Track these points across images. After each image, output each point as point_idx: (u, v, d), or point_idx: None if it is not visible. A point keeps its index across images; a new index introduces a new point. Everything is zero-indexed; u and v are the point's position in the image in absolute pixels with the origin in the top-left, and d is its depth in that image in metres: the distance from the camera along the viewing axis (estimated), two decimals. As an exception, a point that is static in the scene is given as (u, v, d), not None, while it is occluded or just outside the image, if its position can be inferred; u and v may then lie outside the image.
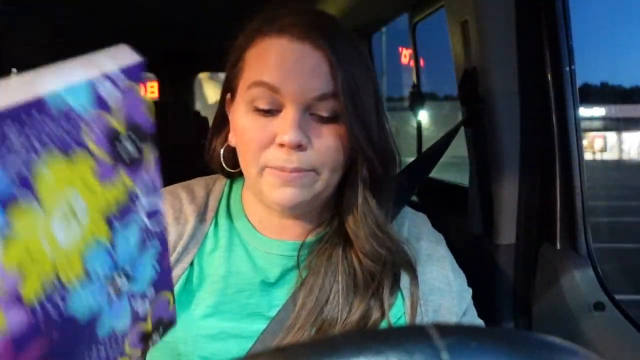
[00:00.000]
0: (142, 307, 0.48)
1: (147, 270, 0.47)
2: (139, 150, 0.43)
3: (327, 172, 0.68)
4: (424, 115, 1.93)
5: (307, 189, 0.67)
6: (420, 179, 1.08)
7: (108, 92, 0.40)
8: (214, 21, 2.45)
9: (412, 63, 2.00)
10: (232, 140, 0.73)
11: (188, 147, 2.41)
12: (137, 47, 0.47)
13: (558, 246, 1.05)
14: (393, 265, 0.71)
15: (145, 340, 0.50)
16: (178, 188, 0.79)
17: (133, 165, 0.43)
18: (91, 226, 0.41)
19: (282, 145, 0.65)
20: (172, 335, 0.70)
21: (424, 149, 2.04)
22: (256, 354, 0.30)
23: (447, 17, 1.23)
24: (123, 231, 0.44)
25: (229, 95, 0.74)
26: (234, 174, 0.77)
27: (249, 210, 0.76)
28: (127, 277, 0.46)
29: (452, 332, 0.29)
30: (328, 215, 0.75)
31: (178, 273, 0.72)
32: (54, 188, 0.38)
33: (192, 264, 0.73)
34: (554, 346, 0.29)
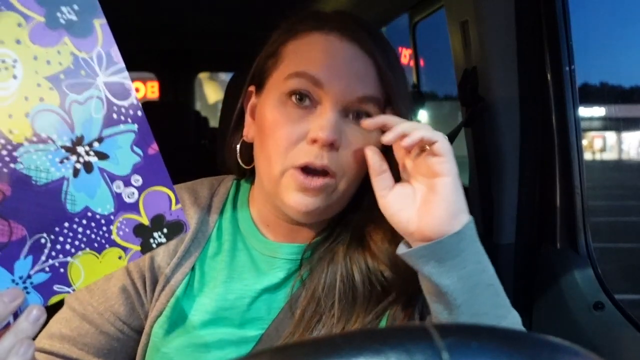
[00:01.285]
0: (129, 194, 0.49)
1: (125, 153, 0.49)
2: (81, 18, 0.46)
3: (346, 181, 0.65)
4: (424, 115, 1.93)
5: (325, 198, 0.64)
6: None
7: None
8: (214, 21, 2.45)
9: (412, 63, 2.00)
10: (249, 135, 0.71)
11: (188, 147, 2.41)
12: (138, 47, 0.48)
13: (558, 246, 1.05)
14: (411, 284, 0.64)
15: (143, 234, 0.50)
16: (181, 189, 0.76)
17: (78, 34, 0.46)
18: (30, 83, 0.45)
19: (314, 141, 0.62)
20: (168, 345, 0.69)
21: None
22: (256, 353, 0.30)
23: (447, 17, 1.23)
24: (76, 97, 0.46)
25: (253, 88, 0.72)
26: (247, 172, 0.75)
27: (256, 213, 0.73)
28: (98, 154, 0.48)
29: (453, 332, 0.29)
30: (336, 216, 0.72)
31: (179, 278, 0.70)
32: None
33: (193, 268, 0.71)
34: (554, 346, 0.29)
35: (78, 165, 0.47)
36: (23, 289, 0.47)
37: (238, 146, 0.73)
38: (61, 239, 0.48)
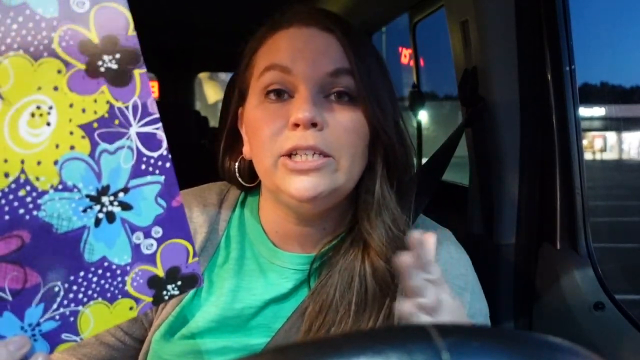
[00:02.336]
0: (147, 246, 0.49)
1: (149, 205, 0.48)
2: (121, 68, 0.45)
3: (347, 159, 0.64)
4: (423, 115, 1.94)
5: (327, 178, 0.63)
6: (433, 183, 1.06)
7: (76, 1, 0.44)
8: (214, 21, 2.45)
9: (412, 63, 2.00)
10: (247, 153, 0.70)
11: (188, 147, 2.41)
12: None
13: (558, 246, 1.05)
14: None
15: (157, 286, 0.49)
16: (188, 195, 0.75)
17: (116, 83, 0.45)
18: (62, 131, 0.44)
19: (296, 125, 0.62)
20: (170, 352, 0.69)
21: (423, 148, 2.04)
22: (257, 353, 0.30)
23: (447, 17, 1.23)
24: (106, 146, 0.46)
25: (241, 109, 0.72)
26: (252, 188, 0.74)
27: (265, 219, 0.72)
28: (122, 204, 0.47)
29: (453, 332, 0.29)
30: (346, 221, 0.71)
31: None
32: (17, 84, 0.42)
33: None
34: (554, 346, 0.29)
35: (100, 215, 0.47)
36: (31, 337, 0.46)
37: (237, 164, 0.73)
38: (75, 287, 0.47)
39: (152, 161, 0.48)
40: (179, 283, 0.51)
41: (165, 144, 0.48)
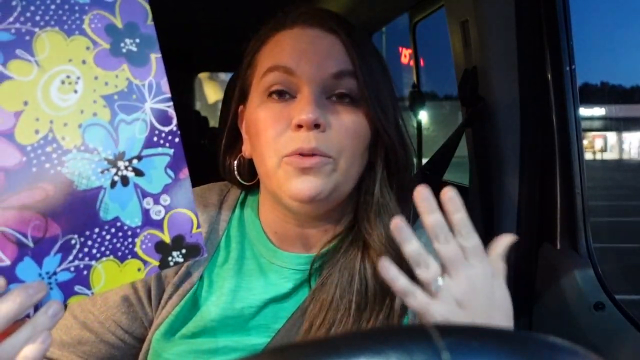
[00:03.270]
0: (156, 212, 0.53)
1: (159, 173, 0.53)
2: (140, 50, 0.52)
3: (346, 160, 0.64)
4: (423, 115, 1.93)
5: (326, 178, 0.63)
6: (434, 183, 1.06)
7: None
8: (214, 21, 2.45)
9: (412, 63, 2.00)
10: (247, 151, 0.71)
11: (188, 147, 2.41)
12: None
13: (558, 246, 1.05)
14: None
15: (163, 251, 0.54)
16: None
17: (135, 63, 0.52)
18: (87, 99, 0.50)
19: (299, 126, 0.62)
20: (170, 351, 0.69)
21: (423, 149, 2.04)
22: (257, 354, 0.30)
23: (447, 17, 1.23)
24: (124, 117, 0.51)
25: (241, 107, 0.72)
26: (251, 186, 0.74)
27: (265, 220, 0.72)
28: (135, 170, 0.52)
29: (453, 332, 0.29)
30: (346, 221, 0.71)
31: (187, 287, 0.69)
32: (51, 55, 0.49)
33: (201, 277, 0.70)
34: (554, 346, 0.29)
35: (116, 178, 0.51)
36: (47, 284, 0.49)
37: (235, 162, 0.73)
38: (90, 242, 0.51)
39: (163, 135, 0.53)
40: (184, 251, 0.54)
41: (175, 121, 0.53)
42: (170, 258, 0.54)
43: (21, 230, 0.48)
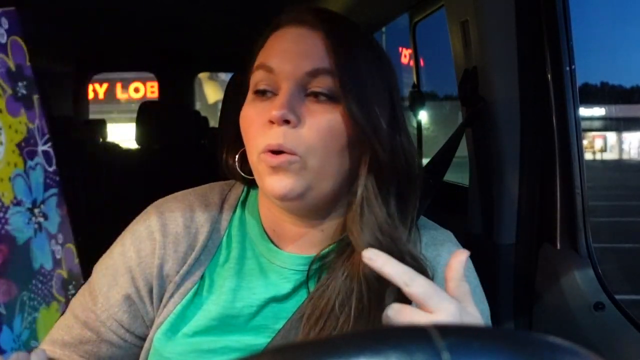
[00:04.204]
0: (57, 251, 0.55)
1: (54, 214, 0.55)
2: (28, 93, 0.52)
3: (316, 158, 0.63)
4: (423, 115, 1.93)
5: (295, 176, 0.63)
6: (435, 184, 1.06)
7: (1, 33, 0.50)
8: (214, 22, 2.46)
9: (412, 63, 2.00)
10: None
11: (188, 147, 2.42)
12: (138, 47, 0.49)
13: (558, 246, 1.05)
14: None
15: (64, 288, 0.55)
16: (190, 195, 0.75)
17: (27, 107, 0.52)
18: (9, 150, 0.50)
19: (271, 122, 0.63)
20: (171, 350, 0.68)
21: (423, 149, 2.04)
22: (256, 354, 0.30)
23: (447, 17, 1.23)
24: (31, 163, 0.52)
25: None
26: (253, 183, 0.73)
27: (264, 218, 0.73)
28: (44, 215, 0.53)
29: (453, 332, 0.29)
30: (342, 223, 0.70)
31: (189, 286, 0.69)
32: None
33: (202, 276, 0.70)
34: (554, 346, 0.29)
35: (35, 226, 0.52)
36: (18, 348, 0.49)
37: (237, 156, 0.73)
38: (32, 295, 0.52)
39: (51, 175, 0.55)
40: (73, 283, 0.57)
41: (54, 160, 0.55)
42: (68, 293, 0.56)
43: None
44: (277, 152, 0.63)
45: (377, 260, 0.49)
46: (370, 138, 0.64)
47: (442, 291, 0.49)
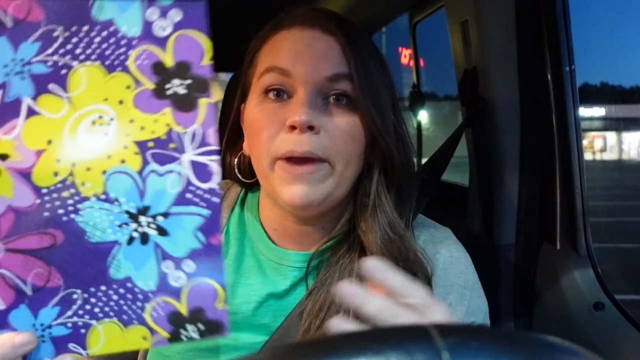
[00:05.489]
0: (176, 279, 0.47)
1: (186, 235, 0.46)
2: (188, 94, 0.46)
3: (341, 163, 0.64)
4: (423, 115, 1.93)
5: (319, 185, 0.63)
6: (433, 183, 1.06)
7: (159, 24, 0.45)
8: (213, 22, 2.45)
9: (412, 63, 2.00)
10: (247, 149, 0.71)
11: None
12: None
13: (558, 246, 1.05)
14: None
15: (177, 323, 0.47)
16: None
17: (180, 107, 0.46)
18: (118, 143, 0.45)
19: (292, 127, 0.61)
20: (170, 348, 0.68)
21: (423, 149, 2.04)
22: (255, 353, 0.30)
23: (447, 17, 1.23)
24: (156, 167, 0.46)
25: (243, 105, 0.72)
26: (251, 184, 0.75)
27: (264, 217, 0.73)
28: (159, 228, 0.46)
29: (453, 332, 0.29)
30: (345, 222, 0.70)
31: None
32: (86, 91, 0.45)
33: None
34: (554, 346, 0.29)
35: (135, 234, 0.46)
36: (40, 337, 0.46)
37: (236, 160, 0.73)
38: (93, 300, 0.46)
39: (199, 192, 0.46)
40: (201, 327, 0.47)
41: (217, 178, 0.47)
42: (183, 331, 0.47)
43: (21, 276, 0.45)
44: (300, 159, 0.62)
45: (379, 271, 0.45)
46: (386, 142, 0.66)
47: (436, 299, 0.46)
